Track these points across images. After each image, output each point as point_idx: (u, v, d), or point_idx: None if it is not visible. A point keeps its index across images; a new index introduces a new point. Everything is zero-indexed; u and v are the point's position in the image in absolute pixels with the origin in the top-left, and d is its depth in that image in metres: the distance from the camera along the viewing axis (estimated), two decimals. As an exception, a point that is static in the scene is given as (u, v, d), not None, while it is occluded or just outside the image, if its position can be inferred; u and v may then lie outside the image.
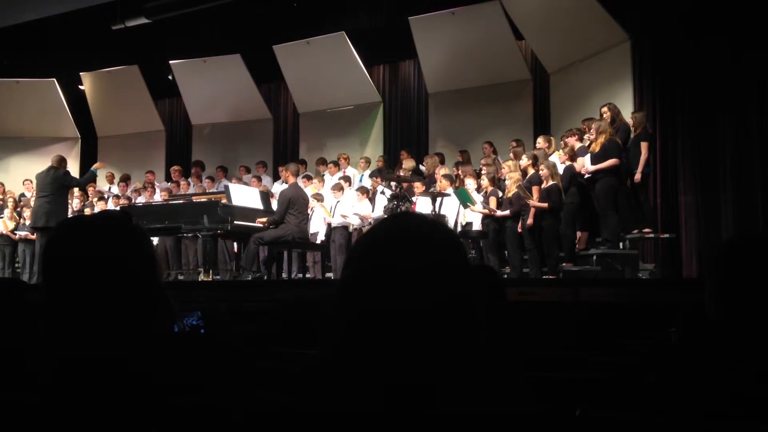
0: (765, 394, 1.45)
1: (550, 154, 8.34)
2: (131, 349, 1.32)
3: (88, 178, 9.95)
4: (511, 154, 8.59)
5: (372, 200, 9.41)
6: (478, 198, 8.16)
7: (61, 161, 9.02)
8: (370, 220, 9.02)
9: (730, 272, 1.65)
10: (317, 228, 9.41)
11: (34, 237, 10.59)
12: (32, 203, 9.86)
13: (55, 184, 8.71)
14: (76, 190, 10.87)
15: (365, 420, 1.09)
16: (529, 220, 7.51)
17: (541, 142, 8.67)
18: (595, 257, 7.38)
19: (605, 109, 7.88)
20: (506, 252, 8.03)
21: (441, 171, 9.04)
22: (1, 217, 11.11)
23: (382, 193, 8.77)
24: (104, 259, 1.37)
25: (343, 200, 9.50)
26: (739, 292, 1.62)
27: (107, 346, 1.31)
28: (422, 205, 8.51)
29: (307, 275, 9.47)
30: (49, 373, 1.32)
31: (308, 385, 1.17)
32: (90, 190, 11.48)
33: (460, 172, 8.95)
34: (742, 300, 1.62)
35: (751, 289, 1.60)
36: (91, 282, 1.35)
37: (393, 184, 8.20)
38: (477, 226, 8.16)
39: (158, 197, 10.98)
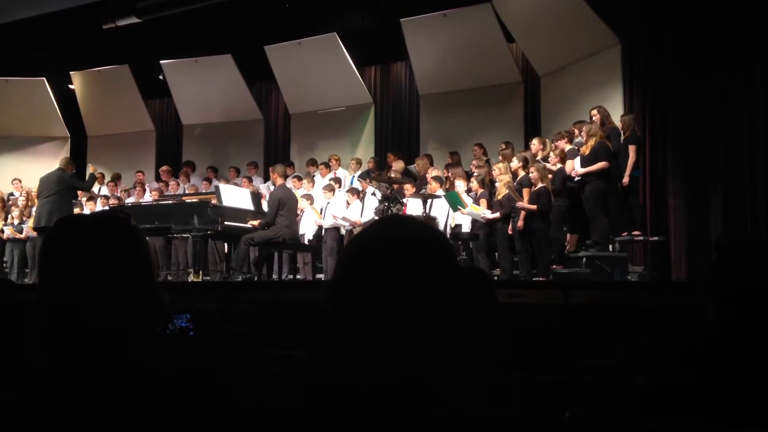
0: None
1: (544, 157, 8.36)
2: (124, 348, 1.31)
3: (91, 181, 9.92)
4: (500, 157, 8.59)
5: (363, 202, 9.40)
6: (468, 200, 8.17)
7: (68, 163, 8.98)
8: (359, 225, 9.00)
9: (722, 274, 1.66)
10: (305, 229, 9.39)
11: (22, 236, 10.53)
12: (36, 202, 9.77)
13: (61, 185, 8.62)
14: None
15: (355, 419, 1.09)
16: (520, 223, 7.53)
17: (535, 143, 8.69)
18: (584, 260, 7.40)
19: (594, 111, 7.92)
20: (496, 254, 8.05)
21: (432, 173, 9.05)
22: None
23: (373, 194, 8.75)
24: (102, 256, 1.37)
25: (333, 201, 9.49)
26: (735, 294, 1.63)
27: (102, 345, 1.31)
28: (413, 206, 8.51)
29: (298, 276, 9.45)
30: (41, 371, 1.32)
31: (298, 385, 1.17)
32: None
33: (449, 174, 8.96)
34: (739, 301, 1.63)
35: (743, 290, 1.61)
36: (87, 279, 1.35)
37: (384, 185, 8.19)
38: (467, 228, 8.17)
39: (148, 197, 10.94)
